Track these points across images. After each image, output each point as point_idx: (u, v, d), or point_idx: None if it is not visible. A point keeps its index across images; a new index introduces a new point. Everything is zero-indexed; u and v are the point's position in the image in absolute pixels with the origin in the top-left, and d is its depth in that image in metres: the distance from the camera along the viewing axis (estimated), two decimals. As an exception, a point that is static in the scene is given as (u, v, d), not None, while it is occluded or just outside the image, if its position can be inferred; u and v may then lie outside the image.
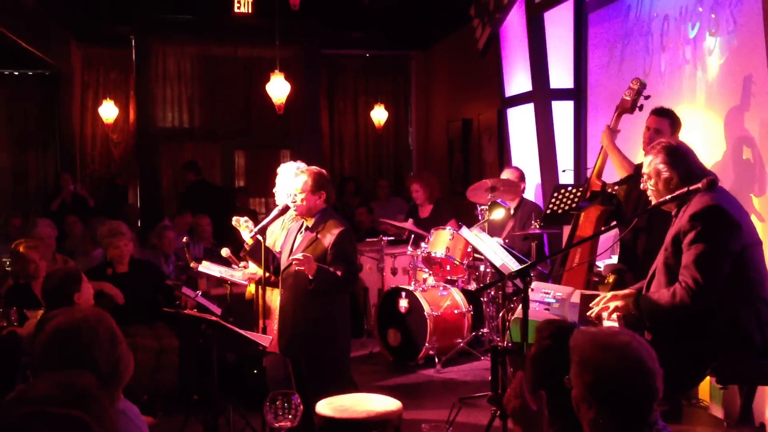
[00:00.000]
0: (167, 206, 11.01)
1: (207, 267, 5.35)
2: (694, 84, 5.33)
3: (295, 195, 4.45)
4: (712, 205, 3.36)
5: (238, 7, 10.17)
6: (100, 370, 2.17)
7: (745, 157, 4.78)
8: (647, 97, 4.98)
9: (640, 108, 4.97)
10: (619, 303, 3.50)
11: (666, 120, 4.74)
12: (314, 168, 4.54)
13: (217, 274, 5.30)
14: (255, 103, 11.25)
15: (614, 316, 3.53)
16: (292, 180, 4.99)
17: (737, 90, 4.86)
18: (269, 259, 4.62)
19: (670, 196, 3.50)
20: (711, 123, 5.12)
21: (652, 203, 3.62)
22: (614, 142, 5.02)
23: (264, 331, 4.52)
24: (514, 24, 7.67)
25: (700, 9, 5.22)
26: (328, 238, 4.34)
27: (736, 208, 3.47)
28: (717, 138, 5.04)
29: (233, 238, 7.55)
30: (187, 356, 5.46)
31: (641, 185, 3.70)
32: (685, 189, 3.44)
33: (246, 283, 5.20)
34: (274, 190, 5.15)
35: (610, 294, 3.60)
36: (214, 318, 4.28)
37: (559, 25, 7.23)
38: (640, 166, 4.78)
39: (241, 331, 4.15)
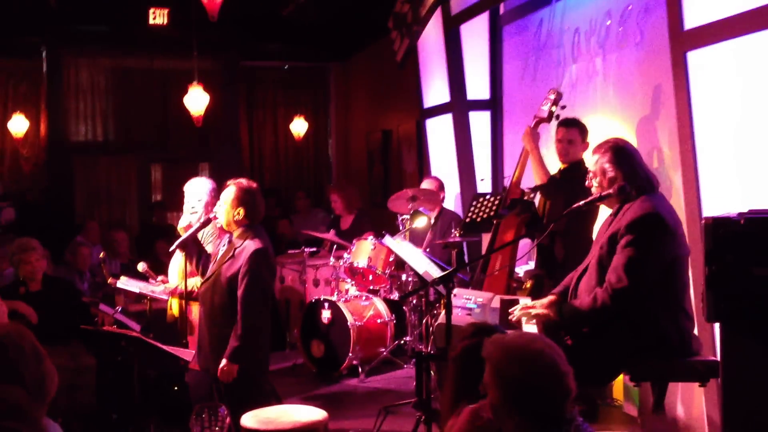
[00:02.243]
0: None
1: (125, 283, 5.24)
2: (605, 94, 5.52)
3: (218, 205, 4.39)
4: (651, 212, 3.46)
5: (154, 18, 9.99)
6: (27, 386, 2.11)
7: (655, 166, 4.98)
8: (563, 107, 5.13)
9: (557, 118, 5.11)
10: (541, 312, 3.62)
11: (575, 129, 4.89)
12: (244, 182, 4.37)
13: (137, 290, 5.20)
14: (171, 115, 11.04)
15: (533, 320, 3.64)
16: (194, 196, 4.95)
17: (647, 100, 5.06)
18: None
19: (583, 202, 3.65)
20: (623, 132, 5.30)
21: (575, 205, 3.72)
22: (536, 143, 5.13)
23: (186, 347, 4.44)
24: (432, 36, 7.79)
25: (609, 22, 5.43)
26: (243, 256, 4.23)
27: (672, 217, 3.57)
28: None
29: (151, 254, 7.44)
30: (104, 375, 5.31)
31: (587, 182, 3.78)
32: (598, 194, 3.60)
33: (166, 297, 5.10)
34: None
35: (537, 303, 3.71)
36: (134, 334, 4.19)
37: (475, 38, 7.38)
38: (552, 177, 4.94)
39: (164, 346, 4.07)
